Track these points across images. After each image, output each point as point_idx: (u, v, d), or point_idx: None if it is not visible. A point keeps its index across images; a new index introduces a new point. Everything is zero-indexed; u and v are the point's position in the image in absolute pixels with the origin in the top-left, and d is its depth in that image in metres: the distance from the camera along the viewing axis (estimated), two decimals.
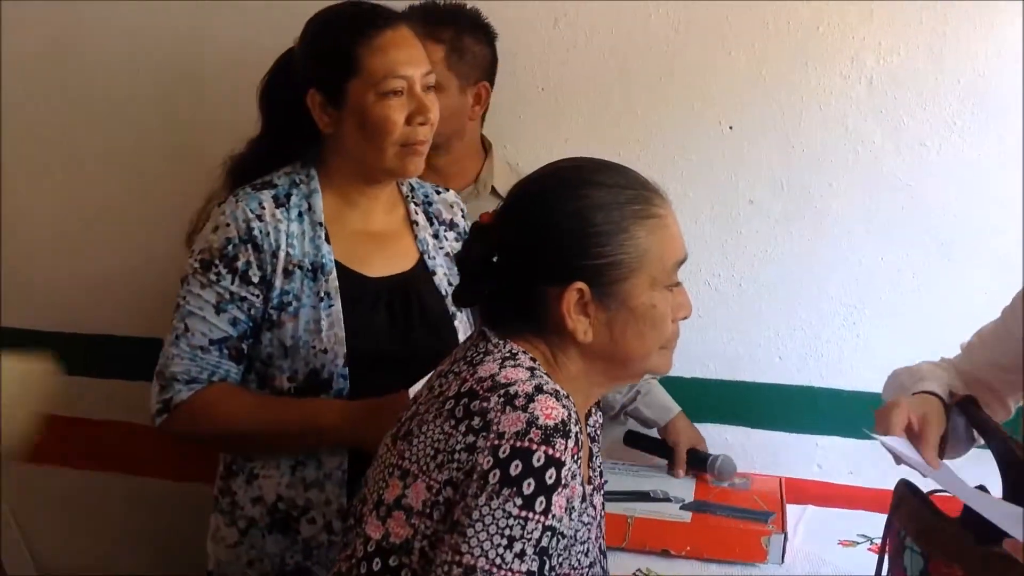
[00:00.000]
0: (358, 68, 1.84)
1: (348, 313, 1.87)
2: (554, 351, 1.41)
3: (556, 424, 1.28)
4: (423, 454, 1.35)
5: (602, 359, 1.42)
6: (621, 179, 1.41)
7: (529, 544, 1.26)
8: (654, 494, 2.23)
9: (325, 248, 1.88)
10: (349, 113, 1.86)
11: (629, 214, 1.38)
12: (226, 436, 1.89)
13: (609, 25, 2.58)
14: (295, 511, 1.89)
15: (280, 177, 1.93)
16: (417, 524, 1.33)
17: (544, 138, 2.64)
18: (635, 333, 1.40)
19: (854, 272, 2.63)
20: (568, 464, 1.28)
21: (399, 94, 1.85)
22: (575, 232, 1.37)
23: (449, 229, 2.08)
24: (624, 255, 1.37)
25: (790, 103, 2.58)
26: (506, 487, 1.26)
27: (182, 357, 1.86)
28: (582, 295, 1.37)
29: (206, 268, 1.85)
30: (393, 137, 1.85)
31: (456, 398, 1.35)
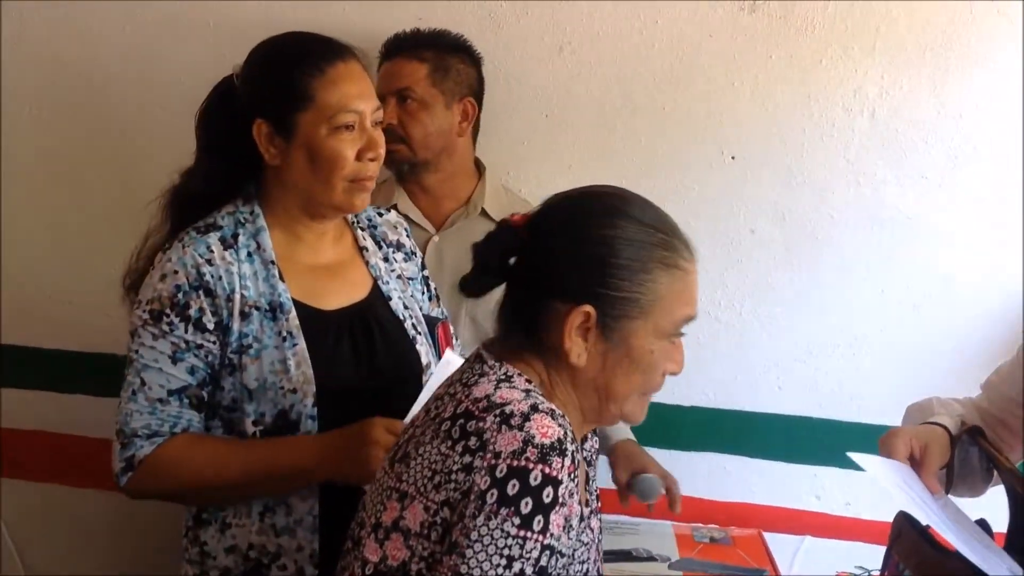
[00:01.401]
0: (311, 99, 1.80)
1: (312, 350, 1.83)
2: (550, 372, 1.42)
3: (552, 443, 1.29)
4: (420, 476, 1.35)
5: (589, 389, 1.43)
6: (657, 222, 1.42)
7: (528, 563, 1.26)
8: (636, 552, 2.19)
9: (280, 286, 1.84)
10: (298, 145, 1.82)
11: (656, 257, 1.39)
12: (194, 489, 1.83)
13: (613, 54, 2.60)
14: (266, 558, 1.84)
15: (223, 217, 1.87)
16: (415, 546, 1.33)
17: (547, 165, 2.65)
18: (624, 372, 1.41)
19: (855, 304, 2.64)
20: (565, 482, 1.28)
21: (351, 128, 1.82)
22: (600, 257, 1.38)
23: (397, 250, 2.06)
24: (640, 295, 1.38)
25: (792, 135, 2.60)
26: (504, 507, 1.26)
27: (141, 412, 1.80)
28: (587, 319, 1.38)
29: (157, 319, 1.79)
30: (344, 172, 1.82)
31: (452, 419, 1.36)
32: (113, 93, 2.78)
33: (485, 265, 1.45)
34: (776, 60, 2.57)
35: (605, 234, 1.38)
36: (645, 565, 2.13)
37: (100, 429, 2.87)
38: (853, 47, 2.54)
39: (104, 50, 2.75)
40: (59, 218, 2.88)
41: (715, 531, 2.28)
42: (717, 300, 2.66)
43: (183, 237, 1.84)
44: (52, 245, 2.89)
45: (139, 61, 2.73)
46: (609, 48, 2.60)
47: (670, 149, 2.63)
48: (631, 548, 2.20)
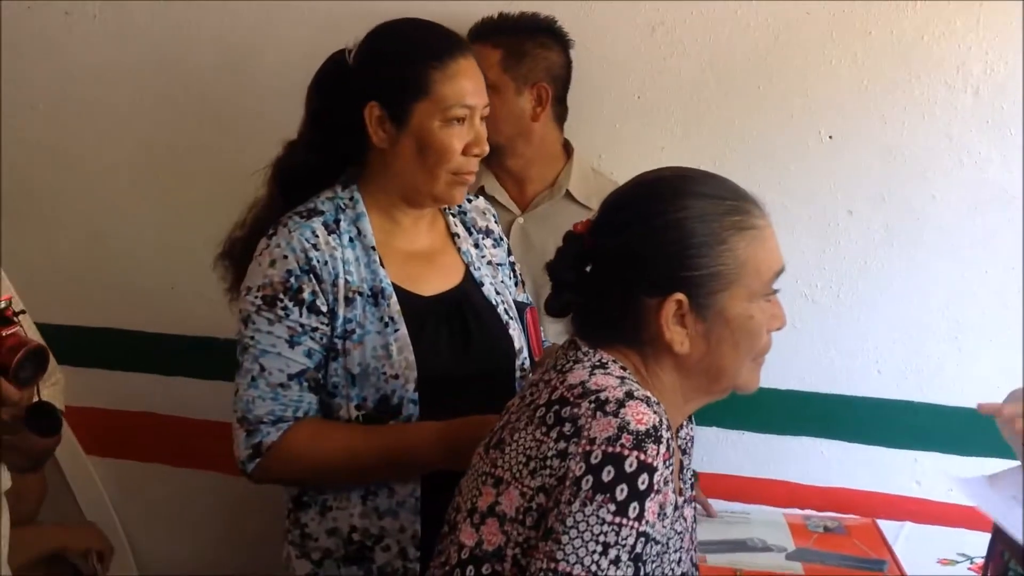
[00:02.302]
0: (429, 91, 1.83)
1: (413, 336, 1.85)
2: (647, 362, 1.41)
3: (648, 429, 1.28)
4: (515, 461, 1.36)
5: (696, 372, 1.42)
6: (719, 189, 1.41)
7: (624, 550, 1.26)
8: (751, 543, 2.15)
9: (381, 272, 1.87)
10: (409, 133, 1.85)
11: (728, 225, 1.38)
12: (322, 474, 1.87)
13: (707, 33, 2.57)
14: (369, 540, 1.88)
15: (324, 203, 1.90)
16: (510, 531, 1.34)
17: (640, 147, 2.63)
18: (731, 344, 1.40)
19: (957, 285, 2.58)
20: (660, 469, 1.28)
21: (462, 122, 1.85)
22: (674, 243, 1.37)
23: (486, 236, 2.08)
24: (723, 267, 1.37)
25: (892, 113, 2.54)
26: (599, 493, 1.27)
27: (263, 398, 1.82)
28: (680, 306, 1.37)
29: (271, 304, 1.82)
30: (449, 165, 1.85)
31: (547, 405, 1.36)
32: (211, 86, 2.83)
33: (562, 282, 1.45)
34: (875, 37, 2.51)
35: (673, 218, 1.37)
36: (761, 556, 2.09)
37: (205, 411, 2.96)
38: (956, 22, 2.47)
39: (202, 44, 2.81)
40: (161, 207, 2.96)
41: (828, 520, 2.23)
42: (814, 283, 2.61)
43: (286, 222, 1.87)
44: (155, 233, 2.96)
45: (235, 54, 2.78)
46: (702, 28, 2.57)
47: (765, 129, 2.59)
48: (745, 538, 2.16)
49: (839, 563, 2.07)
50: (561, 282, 1.46)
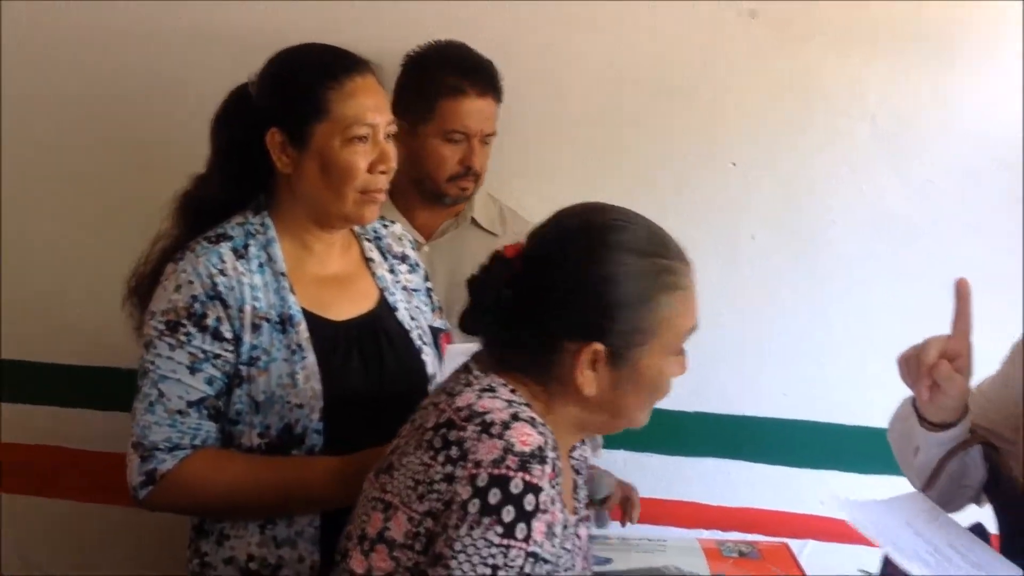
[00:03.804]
0: (327, 112, 1.82)
1: (322, 361, 1.84)
2: (549, 394, 1.42)
3: (532, 450, 1.29)
4: (404, 486, 1.36)
5: (596, 410, 1.44)
6: (655, 245, 1.43)
7: (512, 572, 1.27)
8: (667, 570, 2.14)
9: (291, 299, 1.85)
10: (311, 155, 1.84)
11: (659, 285, 1.40)
12: (217, 505, 1.84)
13: (612, 62, 2.61)
14: (267, 570, 1.84)
15: (233, 228, 1.89)
16: (399, 557, 1.34)
17: (546, 174, 2.66)
18: (635, 392, 1.42)
19: (860, 309, 2.64)
20: (546, 489, 1.29)
21: (364, 141, 1.84)
22: (604, 296, 1.38)
23: (402, 262, 2.07)
24: (645, 323, 1.39)
25: (794, 141, 2.61)
26: (486, 516, 1.27)
27: (160, 424, 1.79)
28: (596, 355, 1.39)
29: (173, 329, 1.79)
30: (355, 183, 1.84)
31: (435, 429, 1.36)
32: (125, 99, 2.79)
33: (481, 301, 1.45)
34: (778, 66, 2.58)
35: (608, 271, 1.38)
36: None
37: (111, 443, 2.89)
38: (853, 54, 2.55)
39: (119, 55, 2.76)
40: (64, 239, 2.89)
41: (743, 545, 2.24)
42: (719, 307, 2.65)
43: (194, 247, 1.85)
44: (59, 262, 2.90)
45: (153, 68, 2.74)
46: (607, 56, 2.61)
47: (670, 157, 2.64)
48: (661, 566, 2.15)
49: None
50: (481, 302, 1.46)
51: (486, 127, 2.42)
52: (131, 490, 1.82)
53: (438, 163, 2.42)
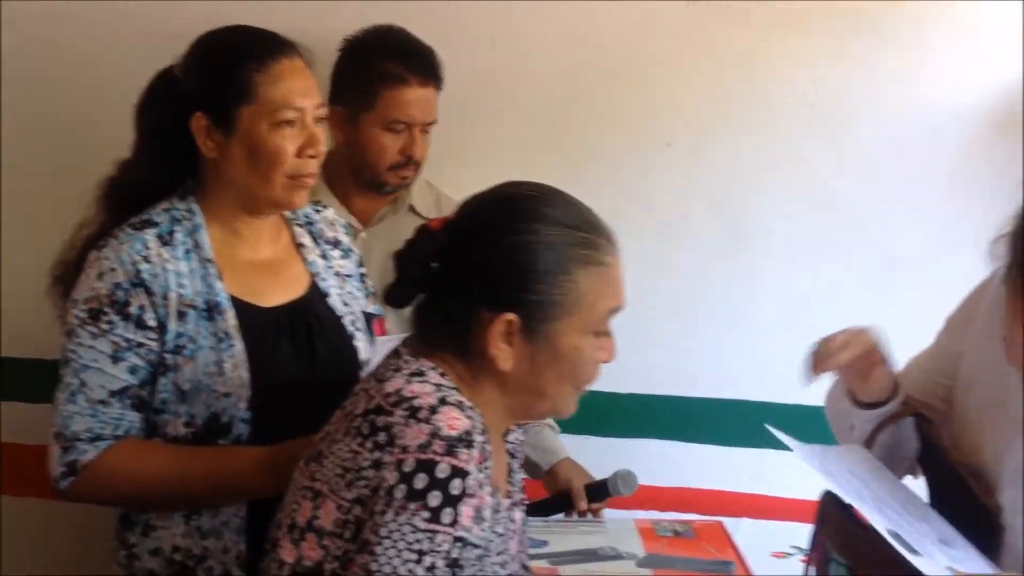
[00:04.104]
0: (253, 95, 1.79)
1: (251, 349, 1.81)
2: (473, 373, 1.41)
3: (460, 435, 1.29)
4: (332, 474, 1.35)
5: (516, 391, 1.43)
6: (575, 218, 1.42)
7: (439, 557, 1.26)
8: (603, 551, 2.15)
9: (218, 285, 1.82)
10: (238, 140, 1.81)
11: (575, 257, 1.39)
12: (140, 496, 1.81)
13: (545, 47, 2.60)
14: (192, 561, 1.82)
15: (159, 214, 1.85)
16: (328, 545, 1.33)
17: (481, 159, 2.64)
18: (555, 372, 1.41)
19: (794, 288, 2.67)
20: (473, 473, 1.29)
21: (292, 125, 1.81)
22: (518, 265, 1.38)
23: (334, 247, 2.05)
24: (561, 297, 1.38)
25: (729, 121, 2.62)
26: (412, 501, 1.26)
27: (82, 414, 1.76)
28: (510, 326, 1.38)
29: (95, 317, 1.76)
30: (283, 168, 1.81)
31: (363, 415, 1.35)
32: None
33: (407, 274, 1.44)
34: (713, 48, 2.59)
35: (522, 240, 1.38)
36: (613, 564, 2.09)
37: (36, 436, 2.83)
38: (789, 35, 2.57)
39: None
40: None
41: (677, 524, 2.26)
42: (653, 288, 2.67)
43: (118, 234, 1.81)
44: None
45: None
46: (541, 40, 2.61)
47: (604, 138, 2.64)
48: (597, 547, 2.16)
49: (688, 567, 2.10)
50: (406, 274, 1.45)
51: (428, 116, 2.40)
52: (52, 481, 1.79)
53: (379, 152, 2.40)
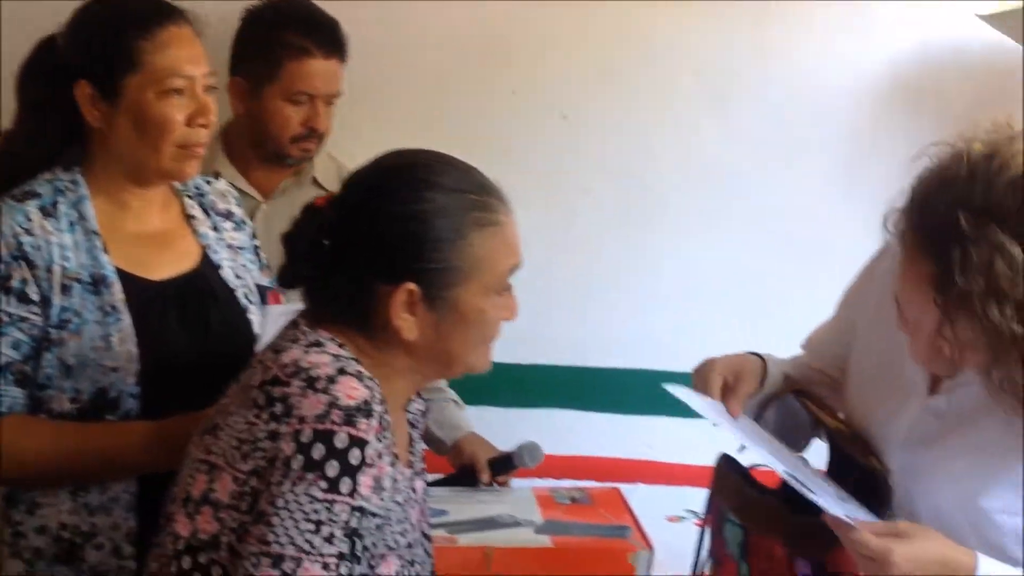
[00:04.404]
0: (139, 63, 1.74)
1: (139, 324, 1.77)
2: (376, 344, 1.40)
3: (358, 404, 1.28)
4: (228, 446, 1.33)
5: (426, 357, 1.42)
6: (465, 182, 1.41)
7: (337, 527, 1.26)
8: (501, 519, 2.14)
9: (103, 258, 1.77)
10: (124, 110, 1.76)
11: (470, 221, 1.38)
12: (25, 473, 1.75)
13: (439, 18, 2.59)
14: (80, 538, 1.77)
15: (42, 185, 1.79)
16: (225, 518, 1.32)
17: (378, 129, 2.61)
18: (462, 336, 1.41)
19: (689, 259, 2.72)
20: (372, 443, 1.28)
21: (180, 93, 1.77)
22: (413, 235, 1.37)
23: (226, 219, 2.01)
24: (460, 262, 1.38)
25: (624, 93, 2.65)
26: (310, 471, 1.26)
27: None
28: (411, 296, 1.37)
29: None
30: (172, 137, 1.77)
31: (259, 386, 1.34)
32: None
33: (297, 253, 1.42)
34: (606, 18, 2.60)
35: (414, 209, 1.37)
36: (511, 531, 2.08)
37: None
38: (682, 9, 2.60)
39: None
40: None
41: (575, 491, 2.28)
42: (552, 259, 2.69)
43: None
44: None
45: None
46: (437, 13, 2.59)
47: (500, 110, 2.65)
48: (495, 515, 2.15)
49: (585, 532, 2.12)
50: (297, 254, 1.43)
51: (331, 88, 2.38)
52: None
53: (281, 124, 2.37)
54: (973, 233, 1.29)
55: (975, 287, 1.28)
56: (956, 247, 1.29)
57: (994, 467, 1.43)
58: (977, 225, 1.29)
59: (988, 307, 1.29)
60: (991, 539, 1.42)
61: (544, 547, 2.05)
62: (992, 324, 1.29)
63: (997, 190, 1.30)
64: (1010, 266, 1.27)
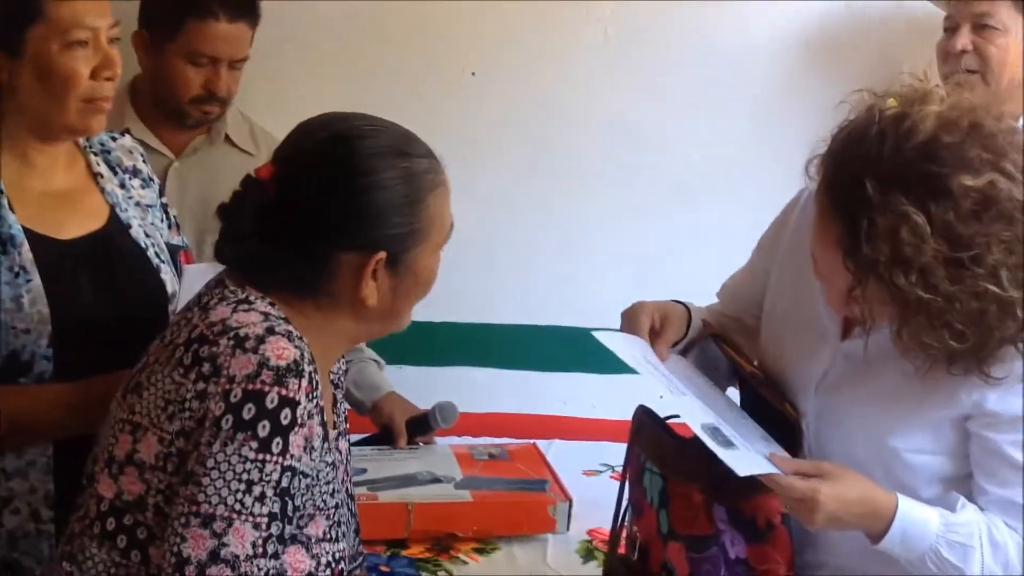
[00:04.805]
0: (41, 14, 1.69)
1: (49, 285, 1.72)
2: (319, 307, 1.39)
3: (288, 364, 1.27)
4: (153, 406, 1.32)
5: (372, 319, 1.43)
6: (411, 147, 1.42)
7: (269, 486, 1.25)
8: (421, 476, 2.16)
9: (10, 218, 1.72)
10: (28, 63, 1.71)
11: (424, 184, 1.40)
12: None
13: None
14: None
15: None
16: (150, 479, 1.30)
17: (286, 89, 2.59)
18: (413, 295, 1.43)
19: (592, 213, 2.75)
20: (303, 403, 1.28)
21: (84, 45, 1.72)
22: (378, 204, 1.36)
23: (133, 176, 1.96)
24: (419, 224, 1.39)
25: (531, 51, 2.66)
26: (240, 431, 1.25)
27: None
28: (378, 263, 1.37)
29: None
30: (78, 91, 1.72)
31: (186, 345, 1.32)
32: None
33: (239, 229, 1.39)
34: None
35: (373, 181, 1.36)
36: (431, 488, 2.11)
37: None
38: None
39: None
40: None
41: (492, 448, 2.30)
42: (463, 217, 2.65)
43: None
44: None
45: None
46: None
47: (409, 67, 2.64)
48: (415, 472, 2.16)
49: (505, 487, 2.14)
50: (238, 230, 1.40)
51: (236, 53, 2.33)
52: None
53: (180, 84, 2.32)
54: (879, 201, 1.31)
55: (881, 255, 1.31)
56: (863, 215, 1.32)
57: (904, 409, 1.47)
58: (883, 192, 1.31)
59: (894, 274, 1.31)
60: (902, 479, 1.46)
61: (464, 501, 2.08)
62: (899, 290, 1.32)
63: (904, 155, 1.32)
64: (914, 234, 1.30)
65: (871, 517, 1.39)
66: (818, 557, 1.57)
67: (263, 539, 1.26)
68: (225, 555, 1.24)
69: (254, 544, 1.25)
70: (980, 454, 1.44)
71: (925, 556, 1.39)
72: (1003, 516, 1.42)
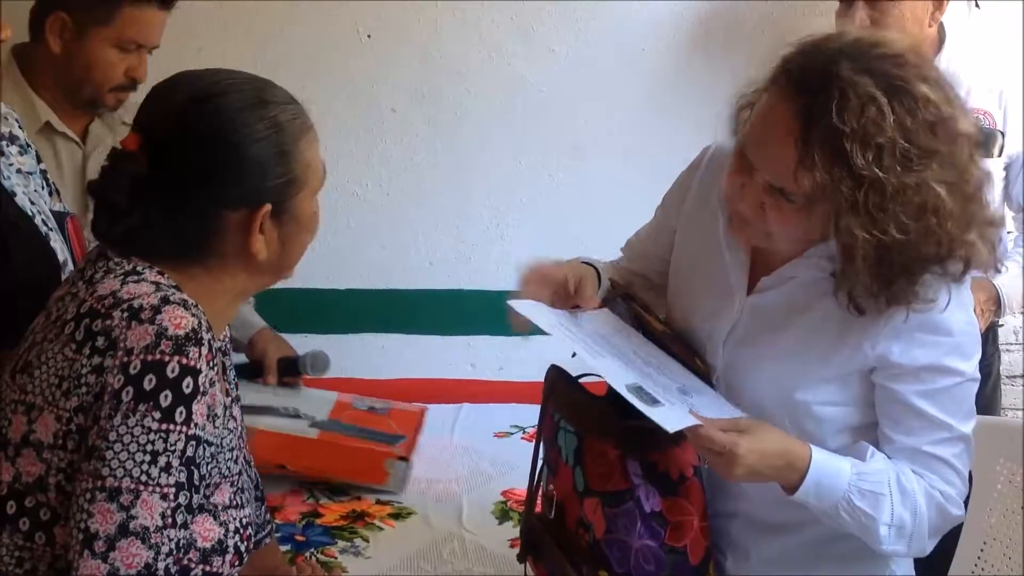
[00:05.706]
0: None
1: None
2: (209, 269, 1.37)
3: (187, 333, 1.26)
4: (47, 384, 1.29)
5: (265, 270, 1.42)
6: (273, 96, 1.39)
7: (175, 456, 1.24)
8: (284, 410, 2.15)
9: None
10: None
11: (295, 131, 1.38)
12: None
13: None
14: None
15: None
16: (49, 458, 1.28)
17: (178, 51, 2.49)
18: (300, 242, 1.42)
19: (495, 175, 2.74)
20: (204, 371, 1.27)
21: None
22: (254, 159, 1.34)
23: (11, 143, 1.91)
24: (297, 171, 1.37)
25: (426, 12, 2.63)
26: (142, 402, 1.23)
27: None
28: (264, 217, 1.35)
29: None
30: None
31: (76, 320, 1.29)
32: None
33: (114, 204, 1.35)
34: None
35: (244, 136, 1.34)
36: (285, 421, 2.09)
37: None
38: None
39: None
40: None
41: (378, 403, 2.28)
42: (364, 182, 2.66)
43: None
44: None
45: None
46: None
47: (305, 30, 2.60)
48: (279, 406, 2.14)
49: (357, 434, 2.12)
50: (114, 204, 1.35)
51: (158, 39, 2.25)
52: None
53: (105, 71, 2.21)
54: (851, 80, 1.33)
55: (847, 127, 1.32)
56: (835, 87, 1.33)
57: (810, 362, 1.49)
58: (856, 74, 1.33)
59: (854, 147, 1.32)
60: (810, 430, 1.49)
61: (307, 437, 2.06)
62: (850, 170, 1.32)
63: (876, 55, 1.36)
64: (880, 115, 1.32)
65: (787, 469, 1.42)
66: (728, 506, 1.60)
67: (172, 509, 1.24)
68: (134, 528, 1.22)
69: (163, 515, 1.23)
70: (885, 404, 1.48)
71: (838, 505, 1.43)
72: (909, 463, 1.46)
